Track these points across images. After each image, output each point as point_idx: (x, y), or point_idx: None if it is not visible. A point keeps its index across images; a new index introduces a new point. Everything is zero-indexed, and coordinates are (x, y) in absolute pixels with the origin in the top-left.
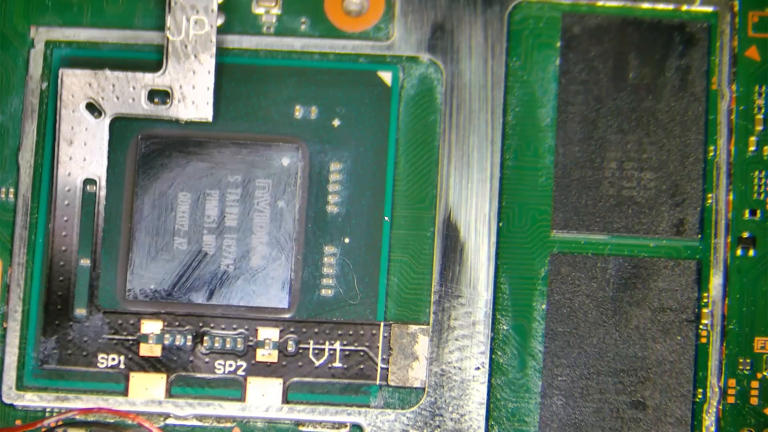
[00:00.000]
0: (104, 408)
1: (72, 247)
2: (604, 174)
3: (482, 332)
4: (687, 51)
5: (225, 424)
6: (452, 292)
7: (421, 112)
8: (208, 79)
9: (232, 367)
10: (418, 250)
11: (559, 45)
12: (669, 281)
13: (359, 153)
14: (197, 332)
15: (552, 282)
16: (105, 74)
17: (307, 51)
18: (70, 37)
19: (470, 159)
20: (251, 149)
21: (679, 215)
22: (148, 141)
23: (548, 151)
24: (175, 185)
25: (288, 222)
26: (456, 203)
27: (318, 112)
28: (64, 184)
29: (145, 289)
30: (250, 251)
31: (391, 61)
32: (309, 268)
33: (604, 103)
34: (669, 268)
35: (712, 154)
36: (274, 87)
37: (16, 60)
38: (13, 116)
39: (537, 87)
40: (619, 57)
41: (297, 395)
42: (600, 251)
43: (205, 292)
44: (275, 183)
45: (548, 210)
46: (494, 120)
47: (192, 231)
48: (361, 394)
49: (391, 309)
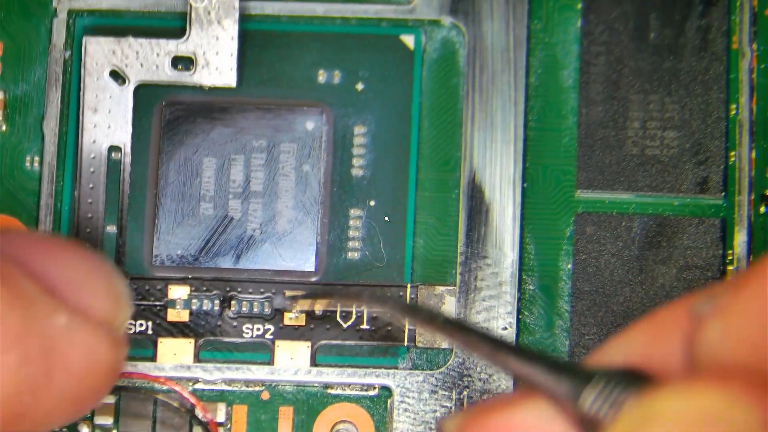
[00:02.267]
0: (135, 373)
1: (98, 214)
2: (627, 134)
3: (509, 292)
4: (707, 10)
5: (254, 388)
6: (478, 253)
7: (444, 75)
8: (231, 45)
9: (260, 331)
10: (444, 212)
11: (580, 6)
12: (694, 239)
13: (383, 116)
14: (224, 297)
15: (577, 242)
16: (128, 41)
17: (329, 16)
18: (93, 5)
19: (494, 121)
20: (275, 114)
21: (702, 173)
22: (173, 107)
23: (571, 112)
24: (200, 151)
25: (313, 186)
26: (480, 165)
27: (341, 77)
28: (89, 152)
29: (171, 254)
30: (276, 215)
31: (413, 24)
32: (335, 231)
33: (626, 64)
34: (693, 226)
35: (734, 113)
36: (297, 52)
37: (39, 29)
38: (36, 85)
39: (559, 49)
40: (640, 17)
41: (325, 358)
42: (624, 210)
43: (231, 256)
44: (300, 147)
45: (572, 170)
46: (517, 82)
47: (218, 196)
48: (389, 356)
49: (418, 271)
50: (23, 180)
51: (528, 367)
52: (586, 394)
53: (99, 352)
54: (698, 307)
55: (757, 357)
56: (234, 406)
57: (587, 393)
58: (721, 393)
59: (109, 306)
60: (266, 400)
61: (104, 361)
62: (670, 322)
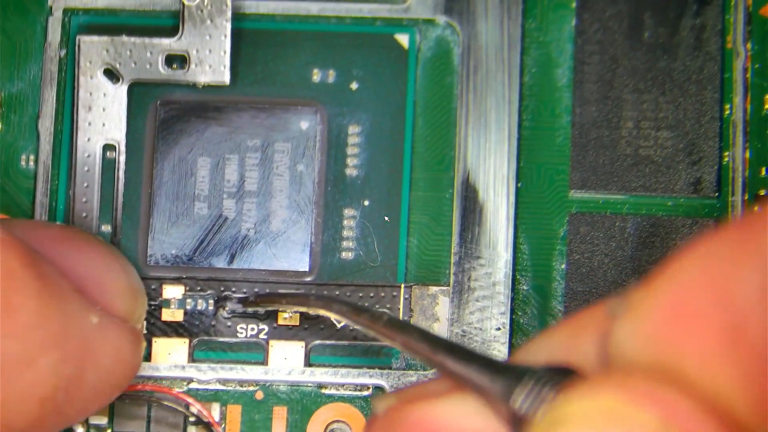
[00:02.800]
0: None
1: (93, 213)
2: (621, 133)
3: (502, 293)
4: (702, 10)
5: (248, 388)
6: (472, 253)
7: (438, 74)
8: (224, 43)
9: (254, 331)
10: (438, 212)
11: (574, 5)
12: (687, 239)
13: (377, 116)
14: (219, 296)
15: (571, 242)
16: (122, 40)
17: (323, 15)
18: (88, 3)
19: (488, 120)
20: (270, 113)
21: (696, 174)
22: (167, 106)
23: (565, 111)
24: (194, 150)
25: (307, 185)
26: (474, 164)
27: (335, 76)
28: (84, 150)
29: (166, 254)
30: (270, 215)
31: (407, 23)
32: (329, 231)
33: (620, 63)
34: (687, 227)
35: (728, 113)
36: (291, 51)
37: (35, 27)
38: (32, 84)
39: (553, 48)
40: (635, 16)
41: (319, 358)
42: (618, 210)
43: (226, 256)
44: (294, 146)
45: (566, 170)
46: (511, 81)
47: (212, 196)
48: (382, 356)
49: (412, 271)
50: (19, 179)
51: (464, 367)
52: (517, 394)
53: (124, 350)
54: (613, 308)
55: (660, 356)
56: (228, 406)
57: (518, 392)
58: (623, 394)
59: (128, 302)
60: (260, 400)
61: (128, 358)
62: (589, 323)
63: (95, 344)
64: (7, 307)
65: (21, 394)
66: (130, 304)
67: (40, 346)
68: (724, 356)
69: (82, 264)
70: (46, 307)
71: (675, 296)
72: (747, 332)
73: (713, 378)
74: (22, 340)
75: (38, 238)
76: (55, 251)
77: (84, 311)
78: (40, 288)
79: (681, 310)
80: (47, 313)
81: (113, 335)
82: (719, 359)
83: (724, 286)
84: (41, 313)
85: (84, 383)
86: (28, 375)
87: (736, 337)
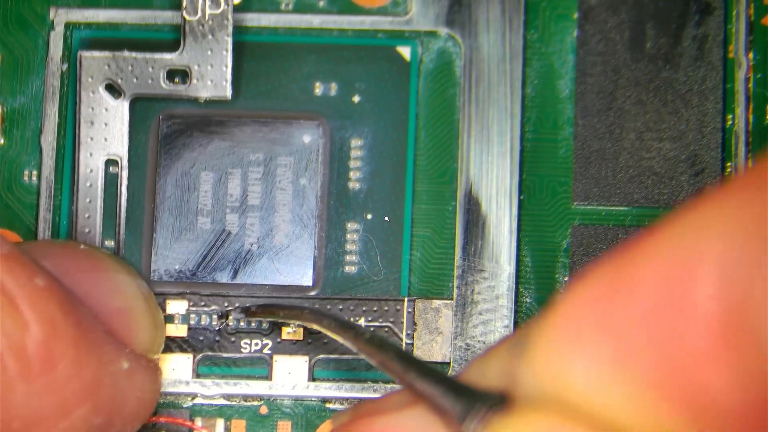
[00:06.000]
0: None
1: (96, 229)
2: (623, 145)
3: (506, 305)
4: (703, 20)
5: (252, 403)
6: (475, 266)
7: (441, 86)
8: (225, 57)
9: (258, 346)
10: (440, 225)
11: (576, 16)
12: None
13: (380, 129)
14: (223, 312)
15: (574, 254)
16: (123, 55)
17: (325, 28)
18: (90, 18)
19: (490, 132)
20: (272, 127)
21: (698, 185)
22: (170, 121)
23: (568, 122)
24: (197, 165)
25: (310, 199)
26: (477, 177)
27: (338, 89)
28: (86, 166)
29: (169, 269)
30: (273, 229)
31: (409, 36)
32: (332, 245)
33: (622, 74)
34: None
35: (731, 123)
36: (293, 64)
37: (36, 42)
38: (34, 98)
39: (555, 59)
40: (636, 27)
41: (323, 372)
42: (621, 222)
43: (229, 271)
44: (297, 160)
45: (569, 182)
46: (513, 93)
47: (215, 210)
48: None
49: (415, 284)
50: (21, 194)
51: (431, 388)
52: (469, 420)
53: (148, 390)
54: (513, 345)
55: (555, 394)
56: (232, 421)
57: (470, 417)
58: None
59: (151, 335)
60: (265, 415)
61: (150, 396)
62: (496, 356)
63: (124, 391)
64: (49, 360)
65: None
66: (151, 337)
67: (76, 397)
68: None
69: (110, 296)
70: (84, 355)
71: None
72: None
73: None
74: (60, 393)
75: (66, 266)
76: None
77: (116, 356)
78: (79, 336)
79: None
80: (84, 361)
81: (140, 378)
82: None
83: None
84: (79, 362)
85: (111, 429)
86: (62, 426)
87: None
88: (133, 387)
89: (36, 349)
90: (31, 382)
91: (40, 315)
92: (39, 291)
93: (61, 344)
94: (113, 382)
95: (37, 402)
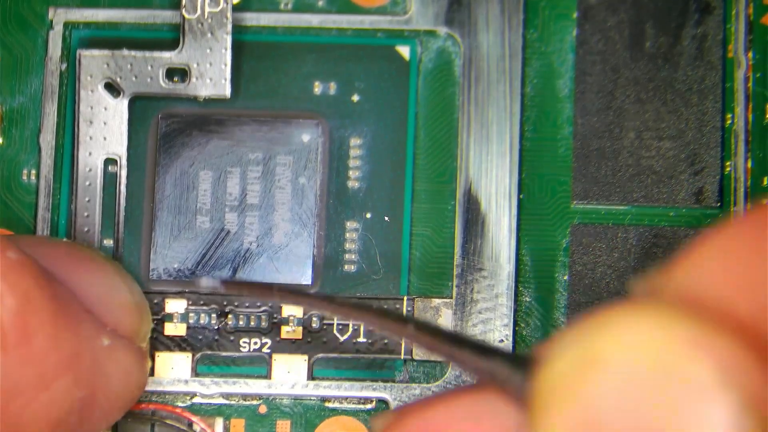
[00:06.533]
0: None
1: (95, 228)
2: (622, 144)
3: (505, 304)
4: (703, 19)
5: (251, 402)
6: (474, 265)
7: (440, 85)
8: (224, 56)
9: (257, 345)
10: (440, 224)
11: (575, 16)
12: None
13: (379, 128)
14: (221, 311)
15: (573, 253)
16: (122, 54)
17: (324, 27)
18: (89, 17)
19: (489, 131)
20: (271, 126)
21: (698, 184)
22: (169, 120)
23: (567, 121)
24: (196, 164)
25: (309, 198)
26: (476, 176)
27: (337, 88)
28: (85, 165)
29: (168, 268)
30: (272, 228)
31: (408, 35)
32: (331, 244)
33: (622, 73)
34: (689, 237)
35: (730, 122)
36: (292, 63)
37: (36, 41)
38: (33, 98)
39: (554, 58)
40: (636, 26)
41: (322, 371)
42: (620, 221)
43: (228, 270)
44: (296, 159)
45: (568, 181)
46: (512, 92)
47: (214, 209)
48: (386, 369)
49: (414, 283)
50: (20, 193)
51: (486, 362)
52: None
53: (132, 371)
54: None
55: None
56: (231, 420)
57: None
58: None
59: (134, 321)
60: (264, 414)
61: (135, 379)
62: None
63: (106, 366)
64: (25, 331)
65: (35, 417)
66: (135, 324)
67: (55, 369)
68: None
69: (90, 283)
70: (61, 329)
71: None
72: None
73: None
74: (38, 364)
75: (46, 255)
76: (63, 269)
77: (95, 333)
78: (56, 310)
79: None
80: (62, 335)
81: (122, 357)
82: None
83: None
84: (56, 335)
85: (95, 405)
86: (43, 398)
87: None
88: (116, 364)
89: (11, 320)
90: (8, 353)
91: (13, 287)
92: (11, 263)
93: (37, 317)
94: (93, 357)
95: (17, 373)
